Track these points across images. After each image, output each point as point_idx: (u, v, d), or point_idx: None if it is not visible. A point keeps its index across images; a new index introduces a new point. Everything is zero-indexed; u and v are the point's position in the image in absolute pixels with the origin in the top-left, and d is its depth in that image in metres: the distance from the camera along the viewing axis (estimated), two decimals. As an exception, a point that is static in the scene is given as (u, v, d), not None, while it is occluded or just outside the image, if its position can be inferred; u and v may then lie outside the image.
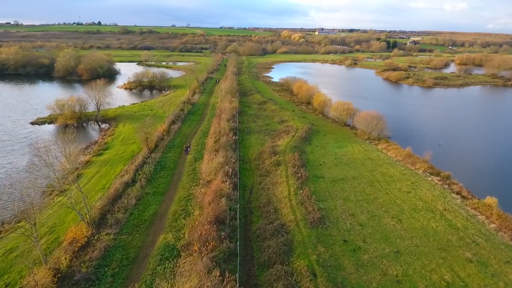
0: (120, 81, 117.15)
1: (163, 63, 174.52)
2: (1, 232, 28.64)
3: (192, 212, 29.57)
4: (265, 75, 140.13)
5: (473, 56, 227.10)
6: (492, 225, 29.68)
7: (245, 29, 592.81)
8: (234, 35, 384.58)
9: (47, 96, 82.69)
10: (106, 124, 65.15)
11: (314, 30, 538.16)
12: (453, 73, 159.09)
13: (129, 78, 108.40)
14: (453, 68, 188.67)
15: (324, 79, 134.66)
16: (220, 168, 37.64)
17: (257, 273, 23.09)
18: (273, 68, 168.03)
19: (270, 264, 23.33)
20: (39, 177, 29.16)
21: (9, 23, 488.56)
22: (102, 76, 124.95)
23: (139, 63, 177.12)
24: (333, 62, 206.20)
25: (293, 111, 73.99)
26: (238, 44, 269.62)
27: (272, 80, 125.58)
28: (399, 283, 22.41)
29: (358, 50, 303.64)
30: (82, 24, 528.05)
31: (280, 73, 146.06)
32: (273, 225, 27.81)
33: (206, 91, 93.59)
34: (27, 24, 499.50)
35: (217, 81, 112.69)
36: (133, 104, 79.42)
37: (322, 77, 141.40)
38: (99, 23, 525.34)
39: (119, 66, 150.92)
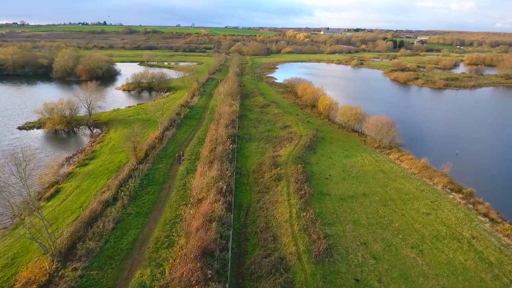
0: (120, 82, 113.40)
1: (165, 63, 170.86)
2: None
3: (176, 241, 25.33)
4: (268, 75, 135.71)
5: (483, 56, 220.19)
6: (531, 258, 25.09)
7: (250, 28, 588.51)
8: (239, 35, 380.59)
9: (42, 98, 78.75)
10: (98, 129, 61.32)
11: (319, 30, 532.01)
12: (463, 73, 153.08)
13: (127, 79, 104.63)
14: (462, 69, 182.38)
15: (330, 80, 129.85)
16: (213, 184, 33.40)
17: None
18: (277, 68, 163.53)
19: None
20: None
21: (16, 23, 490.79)
22: (101, 77, 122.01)
23: (141, 63, 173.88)
24: (339, 62, 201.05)
25: (297, 115, 69.51)
26: (242, 44, 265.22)
27: (276, 81, 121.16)
28: None
29: (364, 50, 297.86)
30: (87, 24, 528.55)
31: (284, 73, 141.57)
32: (271, 258, 23.50)
33: (207, 93, 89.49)
34: (33, 24, 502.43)
35: (218, 82, 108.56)
36: (129, 107, 75.51)
37: (327, 78, 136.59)
38: (104, 23, 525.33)
39: (121, 66, 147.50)
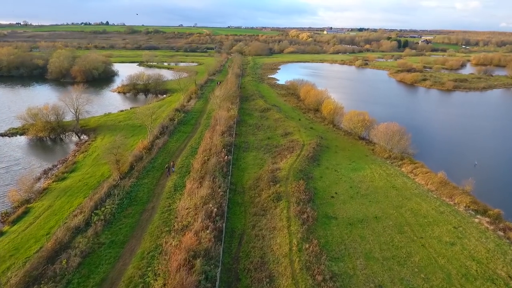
0: (118, 83, 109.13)
1: (165, 63, 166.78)
2: None
3: (152, 285, 20.91)
4: (270, 76, 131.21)
5: (491, 56, 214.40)
6: None
7: (252, 28, 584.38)
8: (241, 35, 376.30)
9: (32, 101, 74.62)
10: (86, 136, 57.13)
11: (322, 30, 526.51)
12: (472, 74, 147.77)
13: (122, 81, 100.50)
14: (469, 69, 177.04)
15: (334, 81, 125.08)
16: (202, 206, 29.00)
17: None
18: (279, 69, 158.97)
19: None
20: None
21: (19, 23, 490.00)
22: (98, 78, 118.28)
23: (140, 63, 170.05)
24: (343, 63, 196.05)
25: (299, 120, 65.01)
26: (244, 44, 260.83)
27: (278, 82, 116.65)
28: None
29: (368, 50, 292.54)
30: (90, 24, 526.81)
31: (287, 74, 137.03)
32: (265, 310, 19.11)
33: (205, 96, 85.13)
34: (36, 24, 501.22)
35: (218, 83, 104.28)
36: (121, 111, 71.29)
37: (331, 79, 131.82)
38: (107, 23, 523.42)
39: (119, 67, 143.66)
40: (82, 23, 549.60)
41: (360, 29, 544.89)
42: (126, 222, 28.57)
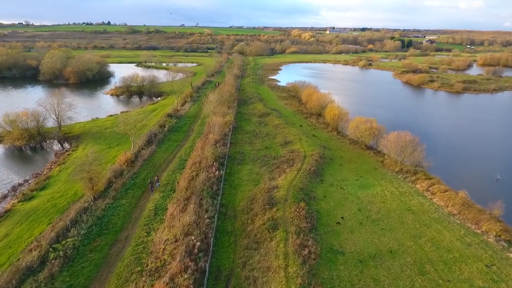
0: (112, 85, 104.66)
1: (164, 64, 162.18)
2: None
3: None
4: (271, 78, 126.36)
5: (498, 56, 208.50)
6: None
7: (254, 28, 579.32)
8: (242, 35, 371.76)
9: (22, 104, 69.79)
10: (69, 144, 52.48)
11: (325, 29, 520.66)
12: (480, 75, 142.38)
13: (115, 83, 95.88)
14: (476, 69, 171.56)
15: (337, 83, 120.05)
16: (183, 238, 24.26)
17: None
18: (280, 69, 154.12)
19: None
20: None
21: (22, 23, 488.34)
22: (92, 79, 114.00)
23: (138, 64, 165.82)
24: (346, 63, 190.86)
25: (300, 126, 60.15)
26: (246, 44, 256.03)
27: (279, 84, 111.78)
28: None
29: (371, 50, 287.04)
30: (91, 24, 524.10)
31: (288, 75, 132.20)
32: None
33: (201, 99, 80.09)
34: (38, 24, 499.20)
35: (216, 85, 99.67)
36: (110, 116, 66.63)
37: (334, 80, 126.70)
38: (108, 23, 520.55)
39: (117, 67, 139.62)
40: (83, 23, 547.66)
41: (363, 29, 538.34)
42: (91, 258, 23.84)
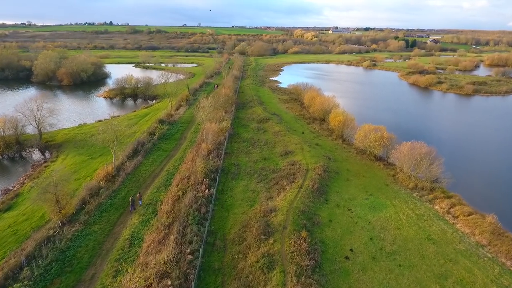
0: (107, 87, 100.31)
1: (162, 64, 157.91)
2: None
3: None
4: (272, 79, 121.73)
5: (506, 56, 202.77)
6: None
7: (256, 28, 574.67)
8: (244, 34, 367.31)
9: (9, 109, 65.20)
10: (50, 153, 48.14)
11: (327, 29, 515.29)
12: (489, 76, 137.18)
13: (108, 85, 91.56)
14: (483, 70, 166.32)
15: (341, 85, 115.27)
16: (158, 283, 19.73)
17: None
18: (282, 70, 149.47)
19: None
20: None
21: (24, 23, 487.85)
22: (87, 81, 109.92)
23: (137, 65, 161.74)
24: (349, 63, 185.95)
25: (302, 133, 55.51)
26: (247, 44, 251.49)
27: (280, 85, 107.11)
28: None
29: (375, 50, 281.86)
30: (94, 24, 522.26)
31: (290, 76, 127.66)
32: None
33: (197, 102, 75.79)
34: (40, 24, 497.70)
35: (215, 86, 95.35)
36: (99, 121, 62.21)
37: (338, 82, 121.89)
38: (110, 23, 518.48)
39: (115, 68, 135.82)
40: (85, 23, 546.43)
41: (366, 29, 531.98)
42: (43, 308, 19.40)
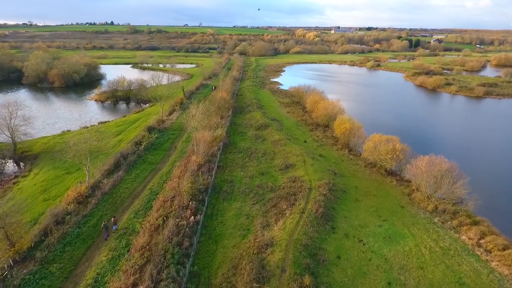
0: (101, 89, 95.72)
1: (161, 65, 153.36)
2: None
3: None
4: (273, 80, 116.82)
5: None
6: None
7: (258, 28, 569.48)
8: (246, 34, 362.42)
9: None
10: (24, 166, 43.42)
11: (329, 29, 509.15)
12: (499, 77, 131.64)
13: (99, 88, 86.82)
14: (490, 70, 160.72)
15: (344, 86, 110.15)
16: None
17: None
18: (283, 71, 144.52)
19: None
20: None
21: (26, 23, 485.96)
22: (80, 82, 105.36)
23: (134, 65, 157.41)
24: (352, 64, 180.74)
25: (304, 142, 50.53)
26: (248, 44, 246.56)
27: (281, 87, 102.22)
28: None
29: (378, 50, 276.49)
30: (95, 24, 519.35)
31: (291, 78, 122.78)
32: None
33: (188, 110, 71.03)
34: (41, 24, 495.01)
35: (213, 88, 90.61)
36: (84, 128, 57.45)
37: (341, 83, 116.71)
38: (111, 23, 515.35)
39: (111, 69, 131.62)
40: (87, 23, 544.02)
41: (369, 28, 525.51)
42: None
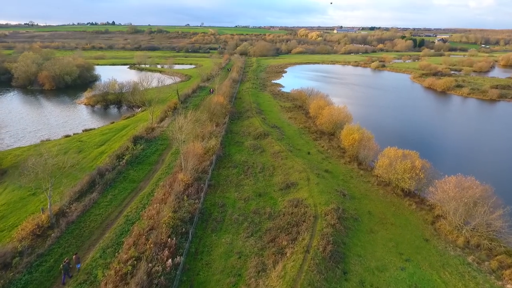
0: (91, 93, 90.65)
1: (159, 66, 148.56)
2: None
3: None
4: (274, 82, 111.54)
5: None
6: None
7: (260, 28, 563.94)
8: (247, 34, 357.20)
9: None
10: (-8, 182, 38.31)
11: (332, 29, 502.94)
12: (510, 78, 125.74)
13: (89, 90, 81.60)
14: (499, 71, 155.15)
15: (349, 88, 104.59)
16: None
17: None
18: (285, 72, 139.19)
19: None
20: None
21: (27, 24, 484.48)
22: (72, 84, 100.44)
23: (131, 66, 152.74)
24: (356, 64, 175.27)
25: (308, 153, 45.12)
26: (250, 44, 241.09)
27: (282, 90, 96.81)
28: None
29: (381, 50, 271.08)
30: (96, 24, 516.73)
31: (294, 79, 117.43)
32: None
33: (188, 111, 65.78)
34: (43, 25, 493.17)
35: (210, 91, 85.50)
36: (66, 136, 52.29)
37: (345, 85, 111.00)
38: (113, 23, 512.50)
39: (108, 70, 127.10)
40: (88, 23, 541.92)
41: (372, 28, 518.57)
42: None
